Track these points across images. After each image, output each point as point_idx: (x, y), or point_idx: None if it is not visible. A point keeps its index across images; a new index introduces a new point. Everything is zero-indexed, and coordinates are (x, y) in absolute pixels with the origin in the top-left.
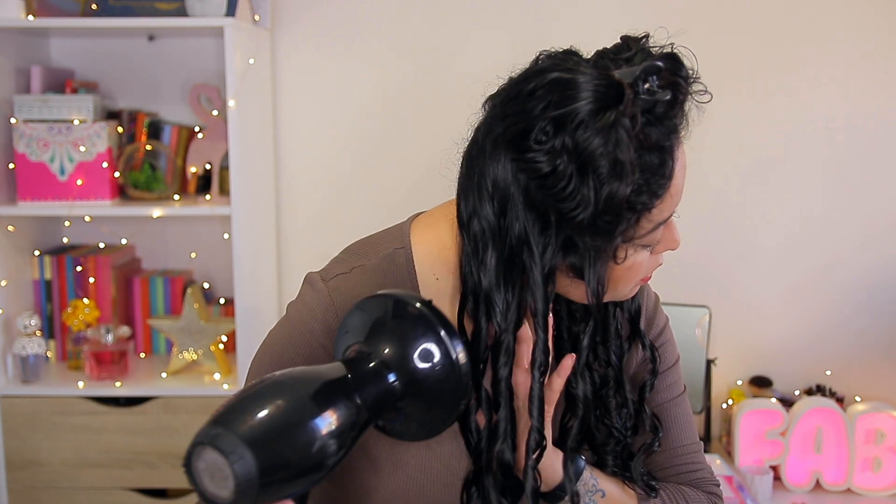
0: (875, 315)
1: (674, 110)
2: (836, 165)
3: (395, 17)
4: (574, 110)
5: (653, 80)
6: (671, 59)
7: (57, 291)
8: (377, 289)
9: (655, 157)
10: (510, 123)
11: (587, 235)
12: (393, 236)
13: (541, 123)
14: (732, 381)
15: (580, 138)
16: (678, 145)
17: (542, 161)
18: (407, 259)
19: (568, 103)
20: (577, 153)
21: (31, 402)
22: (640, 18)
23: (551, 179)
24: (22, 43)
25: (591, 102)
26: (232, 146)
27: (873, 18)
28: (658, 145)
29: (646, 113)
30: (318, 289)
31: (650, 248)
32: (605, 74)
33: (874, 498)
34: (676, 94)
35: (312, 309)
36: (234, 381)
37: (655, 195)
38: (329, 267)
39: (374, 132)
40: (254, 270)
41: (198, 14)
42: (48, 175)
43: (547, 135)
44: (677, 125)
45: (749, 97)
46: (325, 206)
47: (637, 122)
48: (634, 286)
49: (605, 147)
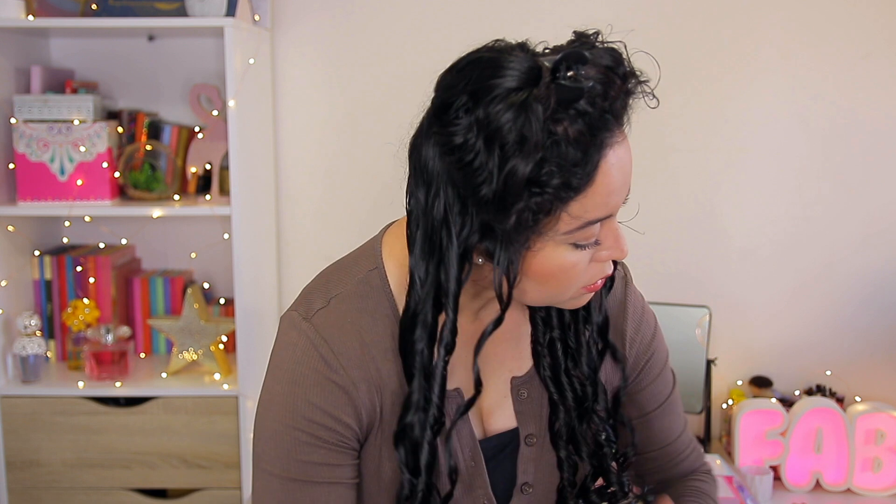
0: (875, 315)
1: (604, 104)
2: (836, 165)
3: (394, 18)
4: (491, 86)
5: (577, 68)
6: (610, 53)
7: (57, 291)
8: (356, 314)
9: (576, 150)
10: (436, 98)
11: (492, 213)
12: (365, 256)
13: (461, 98)
14: (732, 381)
15: (491, 111)
16: (610, 143)
17: (456, 134)
18: (381, 279)
19: (487, 80)
20: (486, 125)
21: (31, 402)
22: (634, 17)
23: (461, 153)
24: (22, 43)
25: (510, 80)
26: (232, 146)
27: (873, 18)
28: (579, 139)
29: (569, 102)
30: (303, 329)
31: (585, 249)
32: (528, 57)
33: (874, 498)
34: (607, 89)
35: (305, 352)
36: (233, 382)
37: (572, 188)
38: (305, 303)
39: (374, 132)
40: (254, 270)
41: (198, 14)
42: (48, 175)
43: (465, 109)
44: (608, 122)
45: (749, 96)
46: (325, 206)
47: (550, 106)
48: (577, 292)
49: (514, 123)
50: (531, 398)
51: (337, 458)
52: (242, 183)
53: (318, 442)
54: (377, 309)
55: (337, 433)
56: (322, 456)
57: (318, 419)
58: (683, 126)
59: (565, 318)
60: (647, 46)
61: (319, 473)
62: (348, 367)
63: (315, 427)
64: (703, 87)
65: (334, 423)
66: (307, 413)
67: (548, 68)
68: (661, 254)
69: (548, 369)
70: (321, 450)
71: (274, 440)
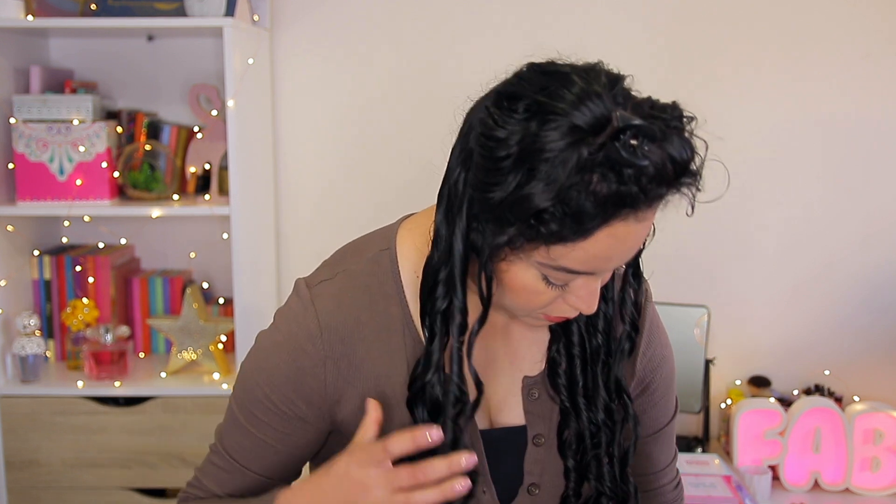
0: (874, 315)
1: (646, 186)
2: (836, 165)
3: (394, 18)
4: (560, 111)
5: (643, 141)
6: (685, 145)
7: (56, 291)
8: (360, 291)
9: (591, 205)
10: (512, 81)
11: (487, 216)
12: (380, 237)
13: (530, 99)
14: (731, 380)
15: (542, 132)
16: (626, 218)
17: (501, 126)
18: (391, 260)
19: (560, 102)
20: (531, 140)
21: (31, 402)
22: (635, 18)
23: (494, 146)
24: (21, 43)
25: (578, 117)
26: (231, 146)
27: (873, 18)
28: (601, 199)
29: (615, 165)
30: (301, 295)
31: (552, 286)
32: (608, 104)
33: (873, 498)
34: (659, 176)
35: (296, 315)
36: (232, 381)
37: (562, 236)
38: (316, 273)
39: (373, 132)
40: (253, 270)
41: (197, 14)
42: (47, 175)
43: (525, 111)
44: (638, 201)
45: (749, 97)
46: (325, 206)
47: (595, 157)
48: (535, 315)
49: (556, 155)
50: (542, 400)
51: (283, 426)
52: (242, 183)
53: (272, 406)
54: (381, 288)
55: (294, 406)
56: (270, 418)
57: (279, 390)
58: None
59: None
60: (647, 47)
61: (262, 431)
62: (332, 341)
63: (274, 396)
64: (703, 87)
65: (295, 396)
66: (274, 378)
67: (614, 127)
68: (660, 253)
69: (563, 377)
70: (271, 413)
71: (241, 381)
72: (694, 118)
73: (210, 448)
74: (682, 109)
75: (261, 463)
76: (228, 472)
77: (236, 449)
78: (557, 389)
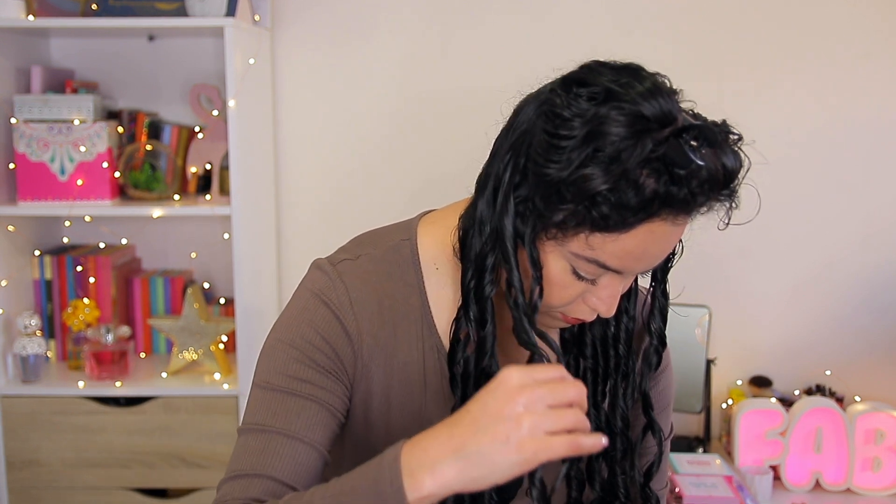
0: (875, 315)
1: (694, 189)
2: (836, 165)
3: (395, 18)
4: (630, 99)
5: (703, 143)
6: (737, 159)
7: (57, 291)
8: (383, 277)
9: (636, 198)
10: (581, 70)
11: (541, 195)
12: (400, 229)
13: (599, 87)
14: (732, 380)
15: (611, 116)
16: (665, 219)
17: (569, 107)
18: (412, 250)
19: (631, 93)
20: (598, 123)
21: (31, 401)
22: (637, 17)
23: (558, 124)
24: (22, 43)
25: (647, 108)
26: (232, 146)
27: (873, 18)
28: (647, 195)
29: (672, 163)
30: (326, 270)
31: (579, 279)
32: (675, 105)
33: (874, 498)
34: (709, 183)
35: (324, 287)
36: (234, 381)
37: (609, 224)
38: (335, 254)
39: (374, 132)
40: (254, 270)
41: (198, 14)
42: (48, 175)
43: (593, 96)
44: (680, 205)
45: (749, 97)
46: (326, 206)
47: (656, 153)
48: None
49: (621, 141)
50: None
51: (323, 381)
52: (242, 183)
53: (308, 361)
54: (402, 277)
55: (330, 359)
56: (309, 374)
57: (315, 342)
58: None
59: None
60: (647, 47)
61: (302, 388)
62: (360, 316)
63: (310, 348)
64: (703, 87)
65: (330, 350)
66: (306, 334)
67: (679, 124)
68: None
69: None
70: (310, 369)
71: (267, 355)
72: (741, 137)
73: (238, 440)
74: (731, 127)
75: (303, 423)
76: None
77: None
78: None
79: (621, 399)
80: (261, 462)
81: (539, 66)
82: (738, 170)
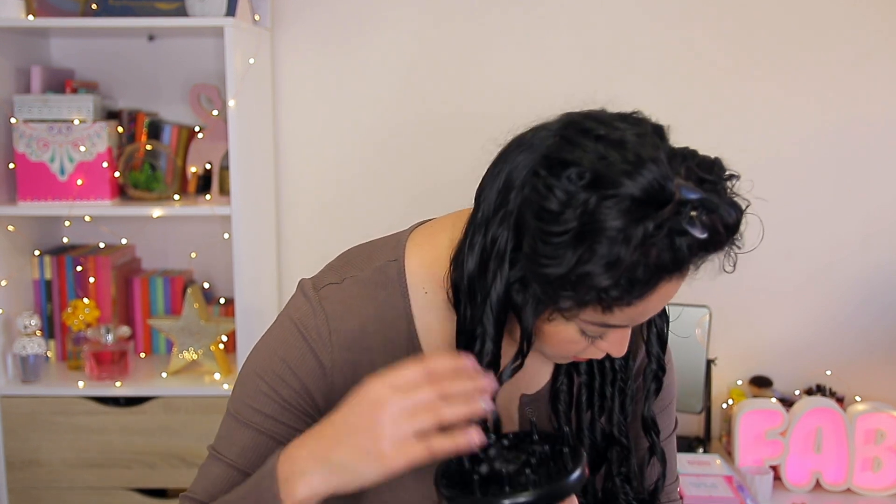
0: (875, 315)
1: (694, 251)
2: (836, 165)
3: (395, 18)
4: (617, 182)
5: (702, 213)
6: (735, 210)
7: (57, 291)
8: (367, 301)
9: (645, 273)
10: (561, 145)
11: (540, 284)
12: (389, 247)
13: (584, 168)
14: (732, 380)
15: (603, 207)
16: (669, 279)
17: (555, 197)
18: (399, 273)
19: (616, 173)
20: (590, 217)
21: (31, 402)
22: (637, 17)
23: (549, 218)
24: (22, 43)
25: (637, 188)
26: (232, 146)
27: (873, 18)
28: (655, 266)
29: (672, 234)
30: (309, 296)
31: (584, 334)
32: (667, 176)
33: (874, 498)
34: (711, 244)
35: (304, 315)
36: (233, 381)
37: (612, 302)
38: (322, 275)
39: (374, 132)
40: (254, 270)
41: (198, 14)
42: (48, 175)
43: (581, 180)
44: (687, 266)
45: (749, 97)
46: (326, 206)
47: (660, 234)
48: (563, 357)
49: (618, 233)
50: (539, 419)
51: (287, 417)
52: (242, 183)
53: (275, 396)
54: (389, 300)
55: (299, 395)
56: (274, 410)
57: (285, 377)
58: (684, 126)
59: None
60: (647, 47)
61: (264, 424)
62: (338, 346)
63: (279, 383)
64: (703, 87)
65: (300, 386)
66: (277, 368)
67: (676, 200)
68: None
69: (563, 403)
70: (275, 404)
71: (241, 383)
72: (737, 176)
73: (205, 460)
74: (725, 167)
75: (258, 458)
76: (223, 478)
77: (235, 451)
78: (557, 412)
79: (618, 413)
80: (210, 490)
81: (540, 65)
82: (739, 222)
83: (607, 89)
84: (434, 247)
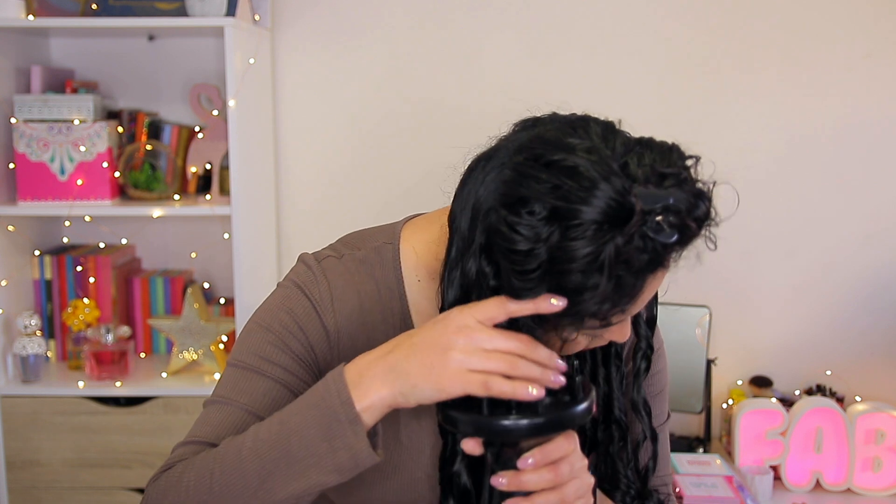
0: (875, 315)
1: (670, 248)
2: (837, 165)
3: (395, 18)
4: (575, 211)
5: (667, 216)
6: (699, 199)
7: (57, 291)
8: (366, 277)
9: (632, 278)
10: (515, 179)
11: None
12: (384, 232)
13: (542, 203)
14: (732, 380)
15: (568, 239)
16: (657, 274)
17: (521, 236)
18: (394, 255)
19: (572, 201)
20: (558, 250)
21: (32, 402)
22: (637, 17)
23: (518, 258)
24: (22, 43)
25: (596, 211)
26: (232, 146)
27: (873, 18)
28: (639, 270)
29: (645, 241)
30: (311, 266)
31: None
32: (624, 190)
33: (874, 498)
34: (682, 239)
35: (307, 281)
36: None
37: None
38: (322, 251)
39: (374, 132)
40: (254, 270)
41: (198, 14)
42: (48, 175)
43: (541, 218)
44: (665, 261)
45: (749, 97)
46: (326, 206)
47: (631, 245)
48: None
49: (587, 262)
50: None
51: (294, 367)
52: (242, 183)
53: (282, 345)
54: (384, 280)
55: (304, 347)
56: (281, 358)
57: (291, 328)
58: (684, 126)
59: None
60: (647, 47)
61: (272, 370)
62: (340, 314)
63: (286, 333)
64: (704, 87)
65: (305, 339)
66: (284, 320)
67: (639, 212)
68: None
69: None
70: (283, 353)
71: (244, 336)
72: (698, 158)
73: (202, 411)
74: (683, 152)
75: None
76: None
77: (246, 398)
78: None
79: (617, 390)
80: (218, 433)
81: (537, 64)
82: (708, 211)
83: (601, 85)
84: (425, 238)
